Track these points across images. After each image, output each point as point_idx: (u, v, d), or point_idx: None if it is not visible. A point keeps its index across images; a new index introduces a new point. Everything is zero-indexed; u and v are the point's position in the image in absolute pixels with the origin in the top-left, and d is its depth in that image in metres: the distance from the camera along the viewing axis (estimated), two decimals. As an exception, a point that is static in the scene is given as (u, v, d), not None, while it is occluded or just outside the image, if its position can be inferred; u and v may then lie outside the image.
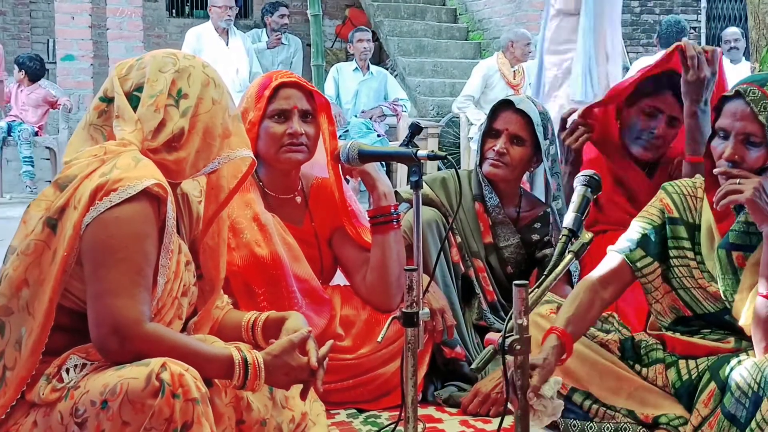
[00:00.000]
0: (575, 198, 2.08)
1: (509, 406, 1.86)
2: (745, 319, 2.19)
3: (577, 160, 3.00)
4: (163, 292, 1.88)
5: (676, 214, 2.35)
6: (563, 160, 3.00)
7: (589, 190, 2.10)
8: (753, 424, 2.03)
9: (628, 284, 2.39)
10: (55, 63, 9.91)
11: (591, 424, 2.38)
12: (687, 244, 2.33)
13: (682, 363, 2.35)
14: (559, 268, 1.85)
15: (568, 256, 1.87)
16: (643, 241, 2.34)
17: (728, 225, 2.26)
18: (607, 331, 2.47)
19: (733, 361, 2.20)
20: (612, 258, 2.37)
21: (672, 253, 2.35)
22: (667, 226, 2.35)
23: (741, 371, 2.12)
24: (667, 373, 2.36)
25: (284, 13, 8.12)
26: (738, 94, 2.17)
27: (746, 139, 2.16)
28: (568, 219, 1.99)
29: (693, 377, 2.31)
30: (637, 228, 2.38)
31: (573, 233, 1.95)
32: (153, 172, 1.83)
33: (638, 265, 2.35)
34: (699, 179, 2.39)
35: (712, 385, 2.22)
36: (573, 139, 2.98)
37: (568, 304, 2.29)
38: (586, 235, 1.97)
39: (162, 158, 1.89)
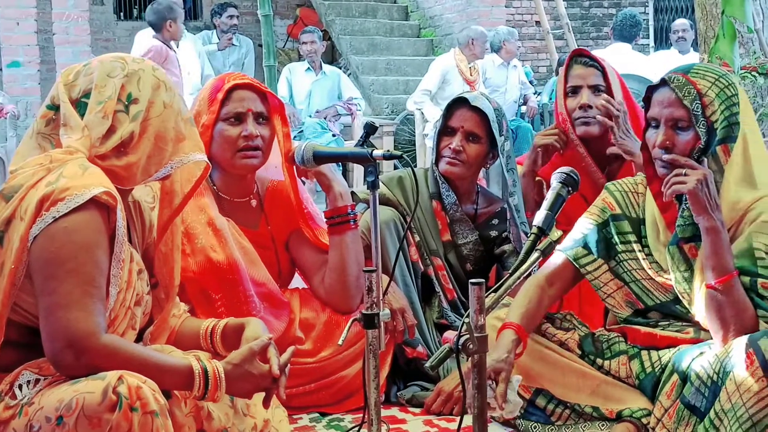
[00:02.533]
0: (549, 195, 2.03)
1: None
2: (701, 312, 2.22)
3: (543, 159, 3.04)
4: (115, 302, 1.84)
5: (618, 211, 2.41)
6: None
7: (565, 188, 2.04)
8: (712, 414, 2.07)
9: (573, 281, 2.48)
10: (1, 70, 9.71)
11: (552, 427, 2.40)
12: (633, 237, 2.39)
13: (645, 354, 2.37)
14: (524, 266, 1.84)
15: (534, 255, 1.85)
16: (585, 241, 2.42)
17: (672, 215, 2.30)
18: (567, 329, 2.49)
19: (695, 352, 2.23)
20: (557, 257, 2.43)
21: (620, 248, 2.40)
22: (611, 224, 2.41)
23: (702, 362, 2.16)
24: (631, 365, 2.38)
25: (233, 14, 8.04)
26: (663, 83, 2.25)
27: (675, 125, 2.23)
28: (539, 217, 1.95)
29: (656, 369, 2.33)
30: (579, 228, 2.45)
31: (542, 231, 1.91)
32: (101, 180, 1.78)
33: (581, 262, 2.43)
34: (640, 176, 2.45)
35: (675, 377, 2.25)
36: (540, 137, 3.02)
37: (520, 301, 2.38)
38: (556, 233, 1.94)
39: (111, 164, 1.85)
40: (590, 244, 2.42)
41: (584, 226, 2.44)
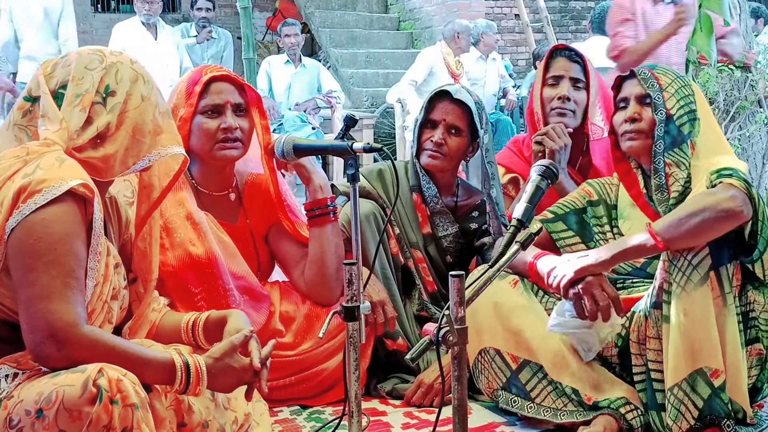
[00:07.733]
0: (528, 187, 2.02)
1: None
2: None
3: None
4: (92, 295, 1.83)
5: (595, 197, 2.65)
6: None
7: (545, 180, 2.04)
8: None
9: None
10: (-24, 62, 9.61)
11: (531, 404, 2.43)
12: (605, 220, 2.62)
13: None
14: (504, 258, 1.84)
15: (514, 247, 1.86)
16: (563, 216, 2.62)
17: (635, 191, 2.57)
18: None
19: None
20: (534, 225, 2.47)
21: (595, 229, 2.60)
22: (588, 209, 2.63)
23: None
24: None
25: (202, 6, 7.91)
26: (632, 74, 2.57)
27: (642, 101, 2.53)
28: (519, 209, 1.94)
29: (623, 333, 2.42)
30: (559, 205, 2.64)
31: (521, 223, 1.92)
32: (78, 173, 1.77)
33: (559, 236, 2.60)
34: (616, 176, 2.67)
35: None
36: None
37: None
38: (535, 226, 1.95)
39: (88, 156, 1.83)
40: (568, 221, 2.62)
41: (563, 205, 2.64)
